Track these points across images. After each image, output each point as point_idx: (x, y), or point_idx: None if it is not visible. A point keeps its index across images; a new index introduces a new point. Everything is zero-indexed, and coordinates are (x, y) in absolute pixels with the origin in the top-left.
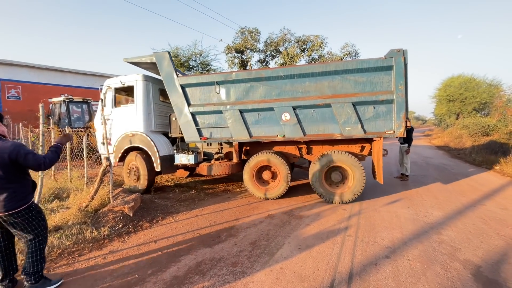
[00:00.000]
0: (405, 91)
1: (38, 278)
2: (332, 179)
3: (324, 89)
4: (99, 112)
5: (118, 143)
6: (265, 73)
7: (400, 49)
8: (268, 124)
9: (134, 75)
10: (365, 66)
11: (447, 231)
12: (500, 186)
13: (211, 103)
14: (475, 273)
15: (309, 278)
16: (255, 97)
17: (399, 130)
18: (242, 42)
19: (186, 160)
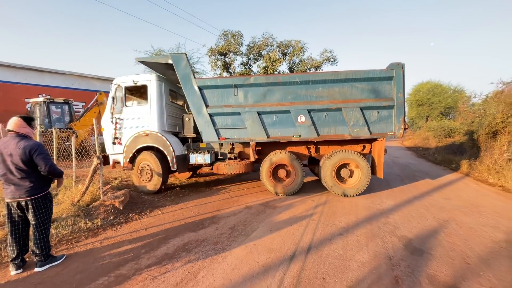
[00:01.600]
0: (403, 98)
1: (46, 257)
2: (342, 175)
3: (335, 94)
4: (108, 111)
5: (130, 143)
6: (282, 78)
7: (399, 63)
8: (284, 125)
9: (147, 74)
10: (370, 76)
11: (393, 215)
12: (450, 181)
13: (229, 105)
14: (406, 244)
15: (276, 250)
16: (272, 100)
17: (399, 132)
18: (226, 45)
19: (202, 160)
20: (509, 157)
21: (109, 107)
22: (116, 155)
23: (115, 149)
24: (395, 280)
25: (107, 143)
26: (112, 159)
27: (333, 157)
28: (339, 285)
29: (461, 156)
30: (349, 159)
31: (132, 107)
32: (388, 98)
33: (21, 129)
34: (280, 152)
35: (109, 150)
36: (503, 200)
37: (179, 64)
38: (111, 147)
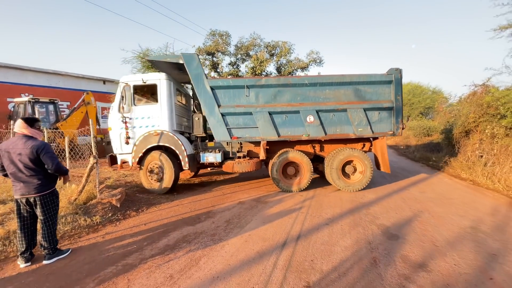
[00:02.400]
0: (401, 101)
1: (54, 250)
2: (346, 171)
3: (341, 96)
4: (115, 110)
5: (140, 143)
6: (292, 80)
7: (398, 68)
8: (294, 125)
9: (157, 73)
10: (372, 80)
11: (374, 207)
12: (427, 177)
13: (241, 105)
14: (384, 231)
15: (269, 239)
16: (283, 101)
17: (397, 131)
18: (213, 44)
19: (213, 159)
20: (480, 154)
21: (117, 106)
22: (124, 155)
23: (124, 149)
24: (373, 260)
25: (115, 143)
26: (120, 159)
27: (339, 154)
28: (326, 266)
29: (438, 154)
30: (353, 156)
31: (141, 106)
32: (388, 100)
33: (24, 130)
34: (290, 151)
35: (117, 150)
36: (472, 192)
37: (190, 64)
38: (119, 146)
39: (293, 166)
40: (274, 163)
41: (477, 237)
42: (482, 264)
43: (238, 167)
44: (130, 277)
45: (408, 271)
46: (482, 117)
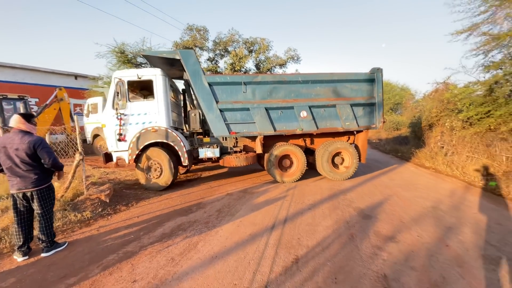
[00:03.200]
0: (382, 97)
1: (52, 243)
2: (335, 162)
3: (330, 93)
4: (109, 107)
5: (137, 139)
6: (286, 78)
7: (379, 68)
8: (288, 120)
9: (152, 69)
10: (357, 78)
11: (350, 193)
12: (395, 166)
13: (239, 101)
14: (359, 212)
15: (259, 223)
16: (278, 97)
17: (379, 124)
18: (191, 39)
19: (211, 154)
20: (441, 145)
21: (111, 103)
22: (120, 152)
23: (119, 146)
24: (351, 236)
25: (110, 140)
26: (115, 157)
27: (329, 147)
28: (311, 242)
29: (406, 146)
30: (341, 148)
31: (137, 102)
32: (371, 97)
33: (21, 125)
34: (286, 145)
35: (112, 147)
36: (434, 179)
37: (188, 60)
38: (114, 144)
39: (288, 159)
40: (271, 156)
41: (436, 215)
42: (440, 235)
43: (236, 161)
44: (133, 262)
45: (380, 243)
46: (443, 112)
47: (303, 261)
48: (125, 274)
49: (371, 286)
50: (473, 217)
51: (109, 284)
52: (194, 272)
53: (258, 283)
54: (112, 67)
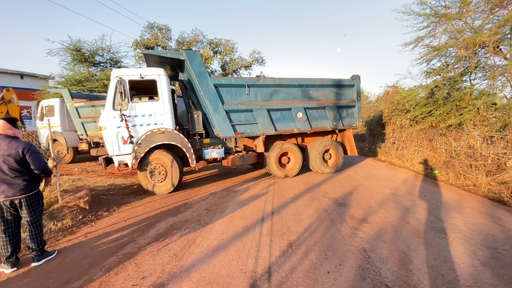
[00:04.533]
0: (360, 100)
1: (42, 251)
2: (325, 158)
3: (321, 96)
4: (109, 108)
5: (142, 142)
6: (285, 81)
7: (358, 75)
8: (287, 120)
9: (155, 69)
10: (341, 83)
11: (323, 186)
12: (357, 161)
13: (243, 102)
14: (334, 201)
15: (249, 217)
16: (278, 99)
17: (359, 124)
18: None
19: (216, 154)
20: (393, 141)
21: (111, 103)
22: (122, 156)
23: (122, 150)
24: (331, 221)
25: (111, 143)
26: (117, 161)
27: (320, 144)
28: (299, 229)
29: (363, 143)
30: (330, 146)
31: (141, 103)
32: (352, 100)
33: (8, 131)
34: (285, 143)
35: (114, 151)
36: (390, 170)
37: (193, 61)
38: (116, 147)
39: (286, 156)
40: (271, 154)
41: (396, 199)
42: (401, 215)
43: (241, 160)
44: (136, 262)
45: (355, 224)
46: (393, 112)
47: (296, 245)
48: (132, 272)
49: (355, 258)
50: (423, 199)
51: (118, 283)
52: (200, 264)
53: (261, 266)
54: (66, 66)
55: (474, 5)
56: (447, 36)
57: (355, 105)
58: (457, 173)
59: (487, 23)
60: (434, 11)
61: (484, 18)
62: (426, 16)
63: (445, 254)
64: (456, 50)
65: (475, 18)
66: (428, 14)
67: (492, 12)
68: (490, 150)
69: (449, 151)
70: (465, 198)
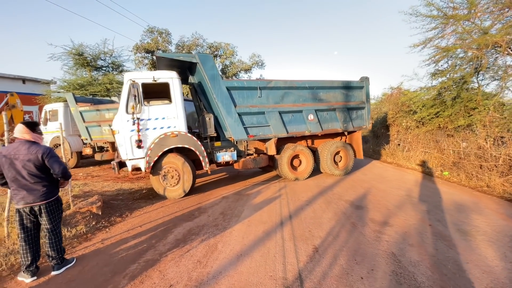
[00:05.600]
0: (369, 102)
1: (62, 259)
2: (336, 160)
3: (331, 98)
4: (122, 111)
5: (155, 146)
6: (296, 84)
7: (367, 77)
8: (298, 123)
9: (168, 72)
10: (351, 85)
11: (336, 188)
12: (364, 163)
13: (255, 105)
14: (350, 204)
15: (267, 221)
16: (289, 102)
17: (368, 125)
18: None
19: (229, 157)
20: (398, 143)
21: (124, 107)
22: (136, 160)
23: (135, 154)
24: (353, 224)
25: (124, 147)
26: (131, 165)
27: (332, 146)
28: (322, 233)
29: (366, 145)
30: (341, 148)
31: (155, 106)
32: (361, 101)
33: (26, 135)
34: (296, 146)
35: (127, 155)
36: (399, 172)
37: (206, 64)
38: (130, 151)
39: (298, 159)
40: (283, 157)
41: (411, 201)
42: (421, 217)
43: (253, 163)
44: (159, 269)
45: (378, 227)
46: (398, 114)
47: (322, 249)
48: (158, 280)
49: (386, 262)
50: (440, 201)
51: None
52: (227, 271)
53: (291, 272)
54: (68, 70)
55: (482, 6)
56: (455, 37)
57: (364, 106)
58: (469, 174)
59: (496, 23)
60: (442, 13)
61: (494, 19)
62: (434, 18)
63: (476, 257)
64: (464, 51)
65: (484, 19)
66: (436, 15)
67: (502, 12)
68: (501, 151)
69: (457, 152)
70: (481, 199)
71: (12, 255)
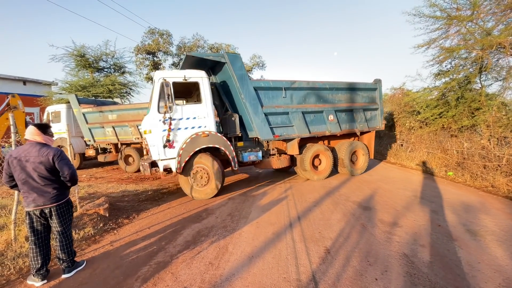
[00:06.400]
0: (382, 103)
1: (73, 262)
2: (352, 160)
3: (348, 99)
4: (154, 110)
5: (187, 146)
6: (317, 85)
7: (379, 79)
8: (319, 123)
9: (197, 71)
10: (366, 87)
11: (342, 189)
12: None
13: (280, 105)
14: (358, 205)
15: (276, 223)
16: (311, 102)
17: (381, 126)
18: (154, 43)
19: (254, 157)
20: (401, 143)
21: (156, 106)
22: (167, 160)
23: (168, 154)
24: (362, 225)
25: (156, 147)
26: (162, 166)
27: (350, 146)
28: (332, 234)
29: None
30: (357, 147)
31: (185, 106)
32: (375, 103)
33: (36, 137)
34: (317, 145)
35: (159, 155)
36: (403, 172)
37: (235, 64)
38: (162, 152)
39: (318, 158)
40: (306, 156)
41: (419, 201)
42: (430, 217)
43: (278, 163)
44: (172, 271)
45: (388, 228)
46: (400, 114)
47: (334, 251)
48: (171, 283)
49: (399, 263)
50: (447, 201)
51: None
52: (240, 273)
53: (304, 274)
54: (70, 72)
55: (484, 6)
56: (459, 38)
57: (378, 107)
58: (474, 174)
59: (498, 24)
60: (446, 13)
61: (496, 20)
62: (437, 18)
63: (487, 257)
64: (469, 51)
65: (487, 20)
66: (439, 16)
67: (504, 14)
68: (505, 151)
69: (461, 152)
70: (487, 199)
71: (20, 258)
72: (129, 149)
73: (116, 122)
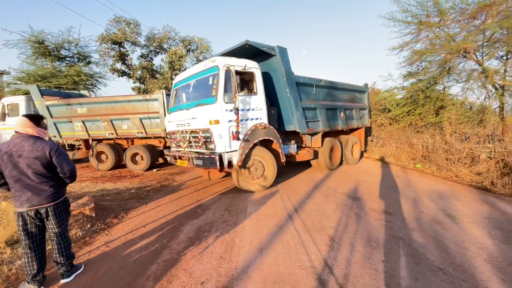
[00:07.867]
0: (369, 104)
1: (72, 265)
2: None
3: (351, 99)
4: (220, 100)
5: (248, 137)
6: (336, 84)
7: (367, 83)
8: (334, 119)
9: (252, 61)
10: (359, 89)
11: (329, 182)
12: None
13: (312, 100)
14: (348, 196)
15: (275, 215)
16: (330, 100)
17: (369, 123)
18: (120, 33)
19: (292, 150)
20: (371, 139)
21: (222, 95)
22: (231, 152)
23: (232, 146)
24: (356, 214)
25: (223, 139)
26: (227, 158)
27: (352, 140)
28: (331, 223)
29: None
30: (355, 141)
31: (244, 97)
32: (365, 104)
33: (29, 129)
34: (332, 139)
35: (225, 147)
36: (378, 166)
37: (284, 58)
38: (228, 144)
39: (333, 151)
40: (325, 149)
41: (399, 191)
42: (412, 204)
43: (308, 155)
44: (183, 268)
45: (379, 216)
46: (371, 112)
47: (338, 238)
48: (186, 279)
49: (399, 246)
50: (422, 190)
51: None
52: (254, 264)
53: (317, 261)
54: (26, 60)
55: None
56: (428, 42)
57: (366, 107)
58: (439, 166)
59: (462, 31)
60: (417, 19)
61: (461, 27)
62: (409, 24)
63: (468, 236)
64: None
65: (452, 28)
66: (410, 21)
67: (468, 22)
68: (465, 145)
69: (426, 146)
70: (455, 187)
71: (4, 265)
72: (102, 146)
73: (86, 116)
